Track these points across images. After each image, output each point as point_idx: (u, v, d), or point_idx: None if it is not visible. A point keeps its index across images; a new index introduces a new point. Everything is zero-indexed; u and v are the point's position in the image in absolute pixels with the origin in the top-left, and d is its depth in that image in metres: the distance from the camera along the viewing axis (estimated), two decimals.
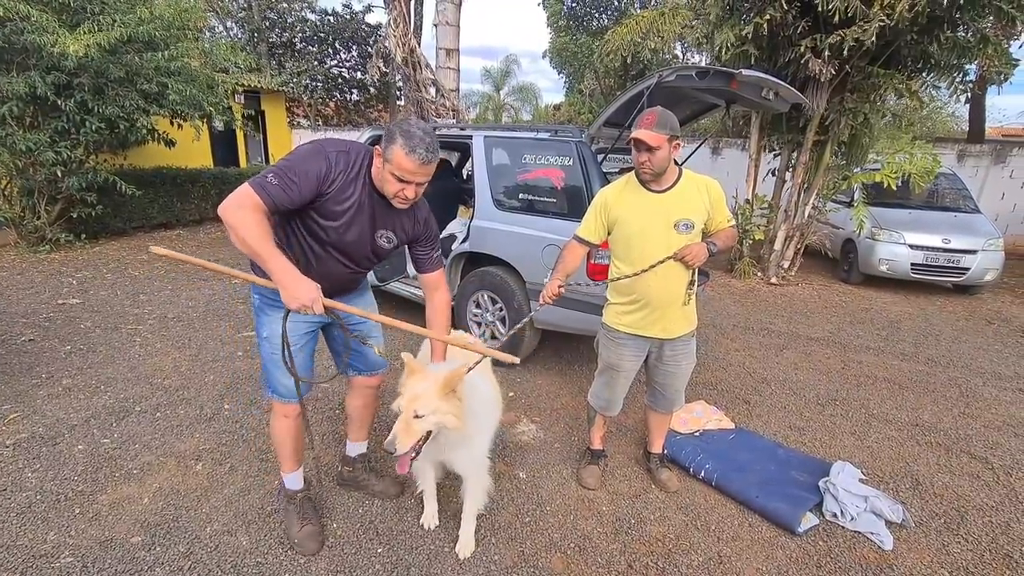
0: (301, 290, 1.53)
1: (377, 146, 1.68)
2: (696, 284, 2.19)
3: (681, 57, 15.36)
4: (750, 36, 5.26)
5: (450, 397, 1.69)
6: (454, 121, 7.16)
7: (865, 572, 2.03)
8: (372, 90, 16.36)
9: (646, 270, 2.05)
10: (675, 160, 2.09)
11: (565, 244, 2.29)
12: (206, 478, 2.39)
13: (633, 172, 2.13)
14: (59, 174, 5.59)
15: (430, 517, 2.15)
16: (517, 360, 1.68)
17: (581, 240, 2.24)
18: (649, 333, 2.20)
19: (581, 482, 2.47)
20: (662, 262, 2.04)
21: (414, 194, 1.69)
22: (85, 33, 4.80)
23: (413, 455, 1.71)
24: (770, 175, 7.02)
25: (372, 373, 2.15)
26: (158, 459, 2.51)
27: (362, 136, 4.56)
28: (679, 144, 2.03)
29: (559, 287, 2.07)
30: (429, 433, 1.71)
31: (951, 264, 6.15)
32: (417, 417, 1.66)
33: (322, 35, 15.48)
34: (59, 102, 5.24)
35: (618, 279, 2.15)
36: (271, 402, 1.97)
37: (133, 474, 2.39)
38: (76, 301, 4.62)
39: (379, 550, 2.02)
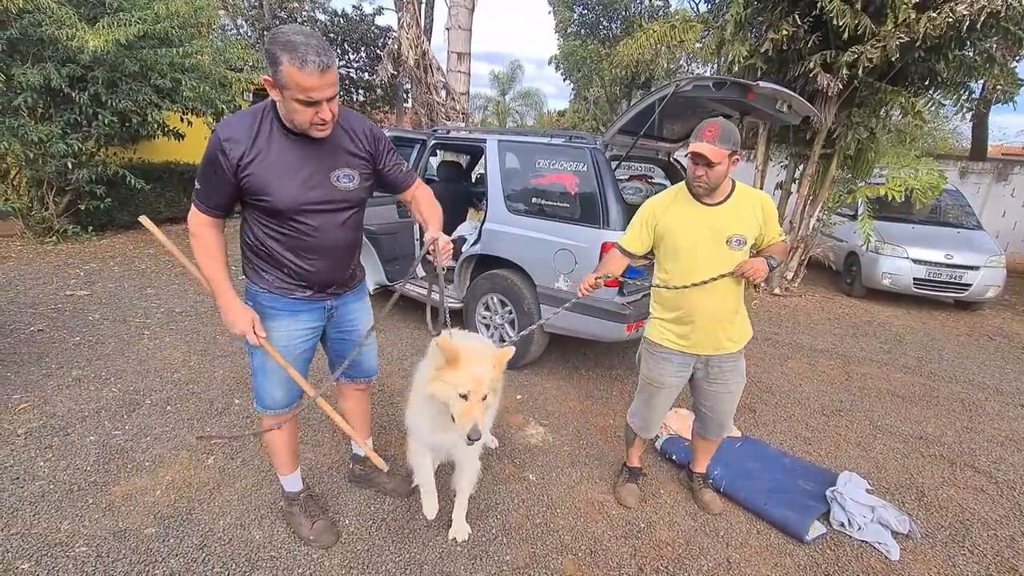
0: (238, 318, 1.68)
1: (265, 77, 1.47)
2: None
3: (686, 68, 15.46)
4: (769, 52, 5.32)
5: (499, 376, 1.74)
6: (463, 124, 7.21)
7: None
8: (379, 91, 16.41)
9: (697, 284, 1.97)
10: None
11: (608, 250, 2.25)
12: (218, 472, 2.40)
13: (684, 183, 2.06)
14: (69, 166, 5.61)
15: (430, 508, 2.11)
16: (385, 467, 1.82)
17: (623, 250, 2.17)
18: (694, 350, 2.11)
19: (620, 500, 2.39)
20: (716, 279, 1.96)
21: (331, 115, 1.51)
22: (104, 28, 4.83)
23: None
24: (776, 188, 7.07)
25: (363, 380, 2.15)
26: (170, 452, 2.52)
27: None
28: (738, 158, 1.93)
29: (596, 278, 2.06)
30: None
31: (953, 280, 6.20)
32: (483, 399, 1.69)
33: (331, 36, 15.53)
34: (73, 94, 5.27)
35: (664, 287, 2.07)
36: (261, 416, 1.94)
37: (145, 466, 2.40)
38: (84, 293, 4.63)
39: (392, 547, 2.03)
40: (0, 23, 4.81)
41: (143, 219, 1.76)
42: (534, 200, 3.52)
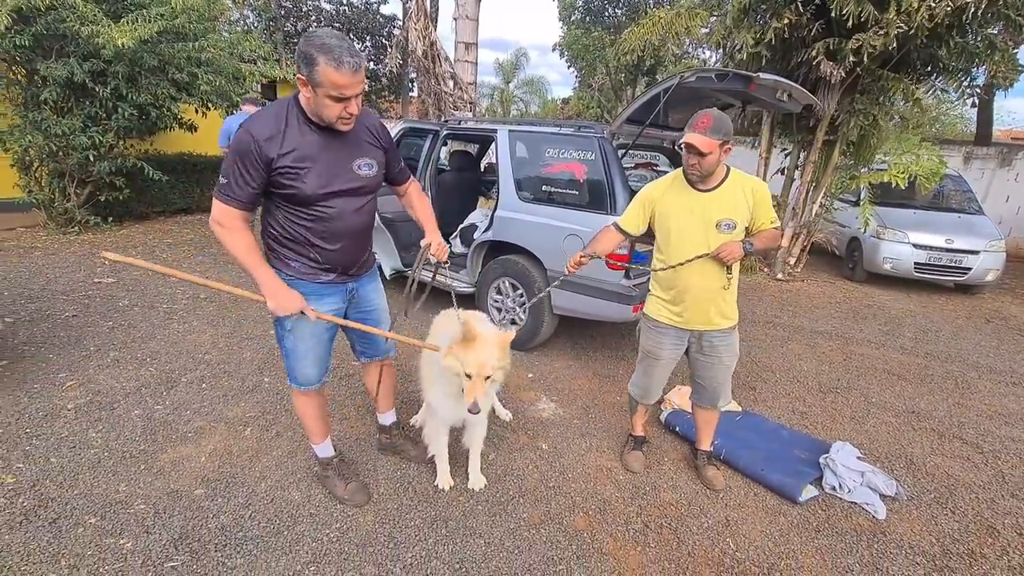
0: (288, 300, 1.75)
1: (299, 75, 1.60)
2: (733, 280, 2.22)
3: (691, 56, 15.42)
4: (770, 40, 5.40)
5: (503, 357, 1.94)
6: (471, 114, 7.32)
7: (859, 538, 2.23)
8: (384, 81, 16.49)
9: (678, 265, 2.17)
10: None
11: (603, 227, 2.43)
12: (255, 442, 2.60)
13: (680, 170, 2.21)
14: (91, 158, 5.79)
15: (445, 479, 2.36)
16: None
17: (619, 228, 2.35)
18: (687, 326, 2.29)
19: (626, 466, 2.58)
20: (692, 259, 2.13)
21: (356, 109, 1.68)
22: (129, 25, 4.97)
23: None
24: (779, 174, 7.17)
25: (381, 358, 2.33)
26: (209, 424, 2.72)
27: None
28: (730, 148, 2.05)
29: (581, 256, 2.27)
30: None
31: (954, 264, 6.31)
32: (487, 378, 1.90)
33: (337, 25, 15.60)
34: (96, 88, 5.43)
35: (657, 269, 2.28)
36: (293, 390, 2.11)
37: (188, 437, 2.61)
38: (111, 280, 4.83)
39: (418, 506, 2.23)
40: (26, 19, 4.96)
41: (106, 254, 1.64)
42: (544, 188, 3.67)
